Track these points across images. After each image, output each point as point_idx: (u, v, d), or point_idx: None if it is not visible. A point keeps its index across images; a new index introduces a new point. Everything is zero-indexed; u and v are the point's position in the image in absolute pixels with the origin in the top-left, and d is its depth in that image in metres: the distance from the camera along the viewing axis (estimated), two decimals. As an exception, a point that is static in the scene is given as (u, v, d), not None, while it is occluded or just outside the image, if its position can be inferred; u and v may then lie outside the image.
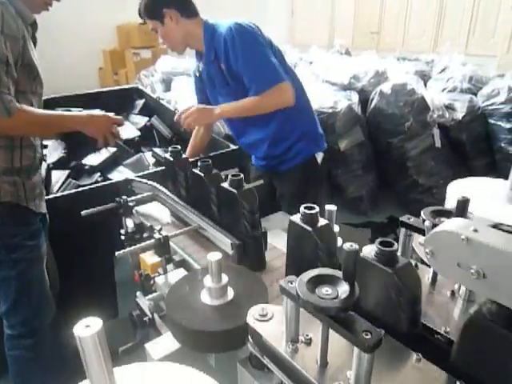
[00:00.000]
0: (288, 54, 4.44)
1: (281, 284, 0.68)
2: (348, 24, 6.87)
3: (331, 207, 1.11)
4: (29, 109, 1.38)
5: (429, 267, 0.90)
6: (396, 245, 0.73)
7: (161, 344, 0.92)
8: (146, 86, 3.86)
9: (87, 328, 0.39)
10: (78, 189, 1.86)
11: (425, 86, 3.71)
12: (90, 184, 2.00)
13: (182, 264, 1.21)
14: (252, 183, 1.47)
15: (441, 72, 4.08)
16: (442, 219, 0.81)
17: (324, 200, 2.29)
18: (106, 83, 5.86)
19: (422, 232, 0.85)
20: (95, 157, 2.30)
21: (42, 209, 1.53)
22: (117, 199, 1.40)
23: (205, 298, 0.91)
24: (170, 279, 1.11)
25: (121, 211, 1.39)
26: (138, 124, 2.72)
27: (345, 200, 3.59)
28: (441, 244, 0.63)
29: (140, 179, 1.57)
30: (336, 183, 3.58)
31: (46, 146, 2.42)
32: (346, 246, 0.62)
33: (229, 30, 1.71)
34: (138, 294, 1.09)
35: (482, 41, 5.43)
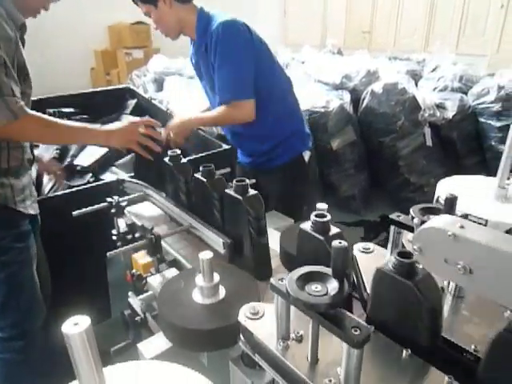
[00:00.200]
0: (280, 54, 4.45)
1: (271, 282, 0.69)
2: (340, 24, 6.90)
3: (322, 205, 1.12)
4: (39, 115, 1.37)
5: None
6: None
7: (153, 343, 0.92)
8: (138, 86, 3.85)
9: (75, 326, 0.40)
10: (70, 189, 1.86)
11: (416, 86, 3.74)
12: (82, 185, 1.99)
13: (174, 264, 1.21)
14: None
15: (432, 71, 4.11)
16: (431, 216, 0.82)
17: (315, 199, 2.30)
18: (98, 83, 5.84)
19: (411, 229, 0.86)
20: (87, 157, 2.28)
21: (32, 210, 1.51)
22: (108, 199, 1.40)
23: (196, 297, 0.91)
24: (162, 279, 1.11)
25: (112, 211, 1.39)
26: (130, 124, 2.70)
27: (337, 199, 3.61)
28: (428, 240, 0.64)
29: (132, 179, 1.57)
30: (329, 182, 3.60)
31: (38, 147, 2.40)
32: (335, 244, 0.63)
33: (216, 28, 1.70)
34: (130, 294, 1.09)
35: (473, 40, 5.48)
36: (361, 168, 3.61)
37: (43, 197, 1.74)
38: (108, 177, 2.13)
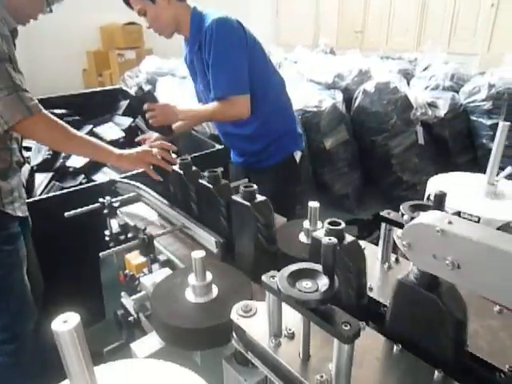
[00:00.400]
0: (273, 54, 4.46)
1: (263, 279, 0.69)
2: (332, 24, 6.93)
3: (314, 204, 1.13)
4: (54, 117, 1.36)
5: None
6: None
7: (146, 343, 0.92)
8: (131, 87, 3.84)
9: (65, 323, 0.40)
10: (62, 191, 1.85)
11: (408, 85, 3.76)
12: (74, 186, 1.98)
13: (167, 264, 1.21)
14: (235, 182, 1.48)
15: (424, 70, 4.14)
16: (421, 213, 0.82)
17: (308, 198, 2.31)
18: (91, 84, 5.82)
19: (402, 226, 0.87)
20: (79, 159, 2.28)
21: (21, 212, 1.49)
22: (100, 200, 1.40)
23: (189, 296, 0.92)
24: (155, 279, 1.11)
25: (105, 212, 1.39)
26: (123, 125, 2.70)
27: (331, 198, 3.62)
28: (417, 236, 0.65)
29: (124, 180, 1.57)
30: (322, 181, 3.61)
31: (30, 149, 2.39)
32: (325, 240, 0.64)
33: (210, 26, 1.70)
34: (123, 294, 1.09)
35: (464, 39, 5.53)
36: (354, 167, 3.62)
37: (35, 198, 1.73)
38: (100, 178, 2.13)
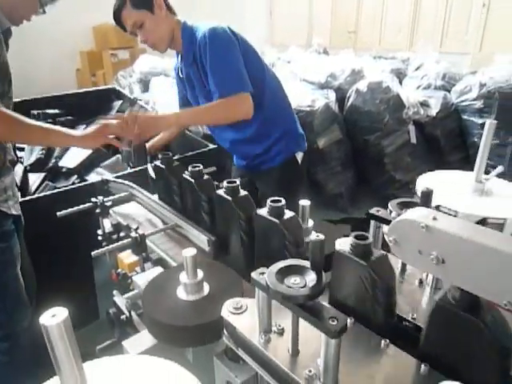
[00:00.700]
0: (266, 54, 4.47)
1: (252, 275, 0.70)
2: (326, 24, 6.95)
3: (305, 202, 1.14)
4: (11, 112, 1.36)
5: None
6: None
7: (138, 340, 0.92)
8: (124, 87, 3.84)
9: (53, 317, 0.41)
10: (55, 190, 1.85)
11: (400, 84, 3.79)
12: (67, 186, 1.98)
13: (160, 262, 1.21)
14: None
15: (416, 70, 4.17)
16: (408, 210, 0.84)
17: (301, 198, 2.32)
18: (84, 84, 5.80)
19: (389, 223, 0.88)
20: (72, 159, 2.28)
21: (16, 211, 1.51)
22: (93, 199, 1.40)
23: (181, 294, 0.92)
24: (148, 277, 1.11)
25: (97, 211, 1.39)
26: (116, 125, 2.70)
27: (325, 197, 3.64)
28: (403, 232, 0.66)
29: (116, 179, 1.57)
30: (315, 181, 3.62)
31: (23, 149, 2.39)
32: (313, 237, 0.65)
33: (203, 36, 1.72)
34: (115, 293, 1.10)
35: (456, 39, 5.56)
36: (347, 166, 3.64)
37: (27, 198, 1.73)
38: (93, 178, 2.13)
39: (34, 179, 2.12)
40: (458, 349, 0.66)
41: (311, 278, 0.65)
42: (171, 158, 1.22)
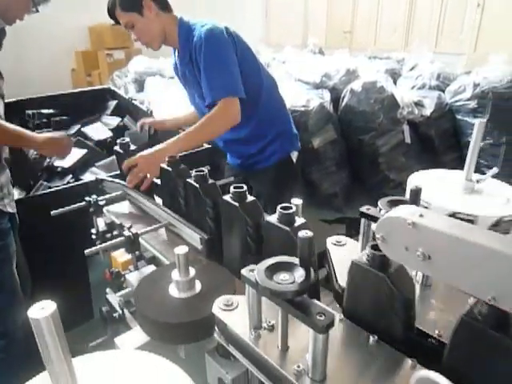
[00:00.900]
0: (262, 54, 4.47)
1: (242, 272, 0.71)
2: (321, 24, 6.97)
3: (297, 201, 1.14)
4: None
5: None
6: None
7: (130, 337, 0.93)
8: (120, 87, 3.83)
9: (42, 310, 0.41)
10: (49, 190, 1.85)
11: (395, 84, 3.80)
12: (62, 185, 1.99)
13: (153, 261, 1.22)
14: (222, 180, 1.50)
15: (410, 70, 4.18)
16: (397, 208, 0.85)
17: (298, 197, 2.33)
18: (79, 84, 5.78)
19: (379, 221, 0.89)
20: (67, 159, 2.28)
21: (12, 209, 1.52)
22: (86, 198, 1.40)
23: (173, 291, 0.93)
24: (141, 276, 1.12)
25: (91, 210, 1.39)
26: (111, 125, 2.70)
27: (319, 197, 3.64)
28: (390, 229, 0.67)
29: (109, 178, 1.58)
30: (310, 180, 3.62)
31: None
32: (301, 234, 0.66)
33: (199, 37, 1.71)
34: (108, 291, 1.10)
35: (451, 39, 5.59)
36: (342, 166, 3.64)
37: (22, 197, 1.74)
38: (88, 178, 2.13)
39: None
40: (484, 367, 0.63)
41: (300, 275, 0.66)
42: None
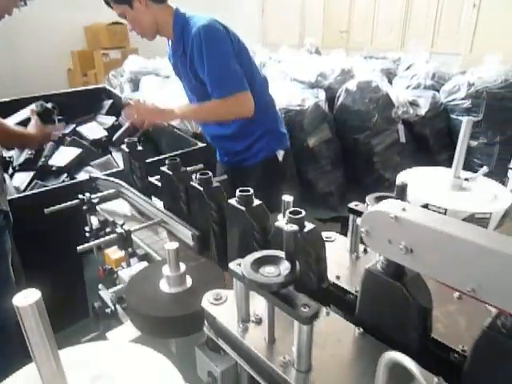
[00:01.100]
0: (258, 54, 4.49)
1: (230, 266, 0.72)
2: (318, 23, 6.99)
3: (287, 198, 1.15)
4: None
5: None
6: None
7: (122, 332, 0.94)
8: (115, 87, 3.84)
9: (26, 298, 0.42)
10: (43, 188, 1.86)
11: (391, 84, 3.82)
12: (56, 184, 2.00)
13: (146, 257, 1.23)
14: (215, 178, 1.51)
15: (406, 69, 4.20)
16: (383, 203, 0.86)
17: (293, 197, 2.34)
18: (75, 84, 5.78)
19: (366, 216, 0.90)
20: (62, 158, 2.29)
21: (6, 206, 1.53)
22: (80, 196, 1.41)
23: (163, 287, 0.94)
24: (133, 272, 1.13)
25: (84, 208, 1.40)
26: (106, 124, 2.71)
27: (315, 196, 3.66)
28: (374, 223, 0.68)
29: (102, 177, 1.59)
30: (306, 179, 3.64)
31: (13, 148, 2.39)
32: (287, 227, 0.67)
33: (197, 33, 1.71)
34: (101, 287, 1.11)
35: (447, 39, 5.61)
36: (337, 165, 3.66)
37: (16, 196, 1.74)
38: (83, 176, 2.14)
39: (24, 178, 2.13)
40: (506, 381, 0.61)
41: (285, 267, 0.67)
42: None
